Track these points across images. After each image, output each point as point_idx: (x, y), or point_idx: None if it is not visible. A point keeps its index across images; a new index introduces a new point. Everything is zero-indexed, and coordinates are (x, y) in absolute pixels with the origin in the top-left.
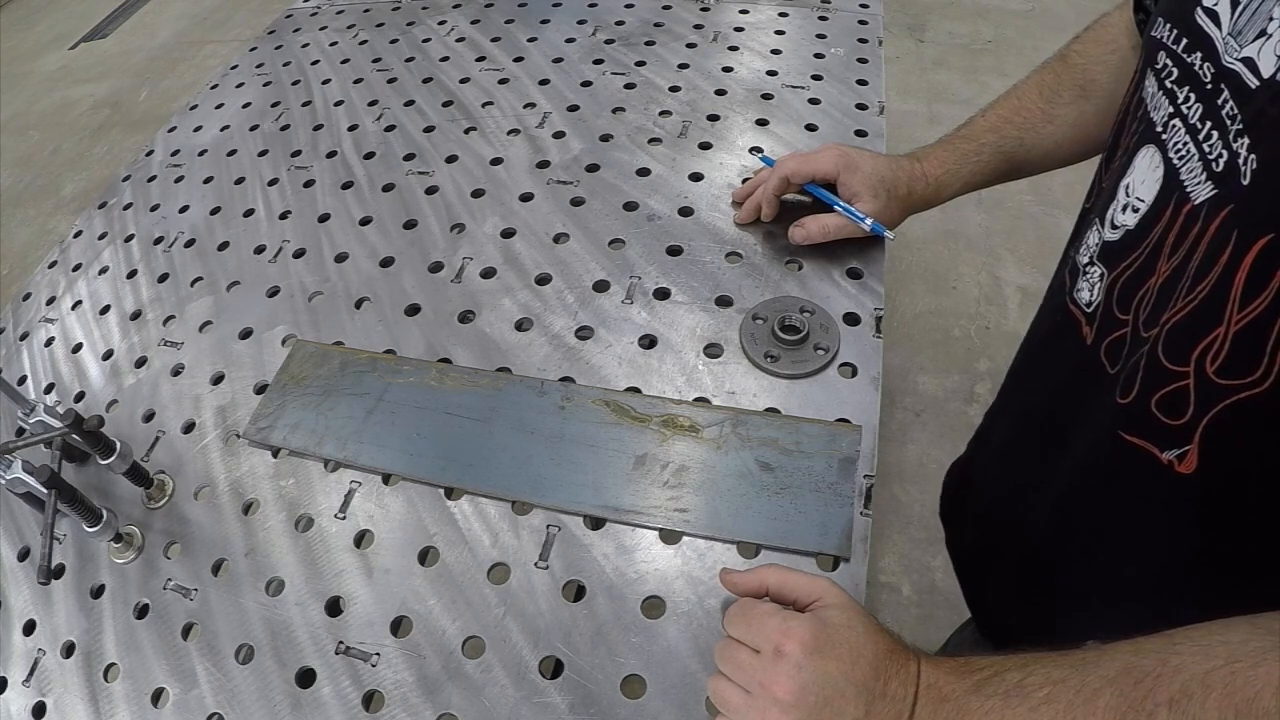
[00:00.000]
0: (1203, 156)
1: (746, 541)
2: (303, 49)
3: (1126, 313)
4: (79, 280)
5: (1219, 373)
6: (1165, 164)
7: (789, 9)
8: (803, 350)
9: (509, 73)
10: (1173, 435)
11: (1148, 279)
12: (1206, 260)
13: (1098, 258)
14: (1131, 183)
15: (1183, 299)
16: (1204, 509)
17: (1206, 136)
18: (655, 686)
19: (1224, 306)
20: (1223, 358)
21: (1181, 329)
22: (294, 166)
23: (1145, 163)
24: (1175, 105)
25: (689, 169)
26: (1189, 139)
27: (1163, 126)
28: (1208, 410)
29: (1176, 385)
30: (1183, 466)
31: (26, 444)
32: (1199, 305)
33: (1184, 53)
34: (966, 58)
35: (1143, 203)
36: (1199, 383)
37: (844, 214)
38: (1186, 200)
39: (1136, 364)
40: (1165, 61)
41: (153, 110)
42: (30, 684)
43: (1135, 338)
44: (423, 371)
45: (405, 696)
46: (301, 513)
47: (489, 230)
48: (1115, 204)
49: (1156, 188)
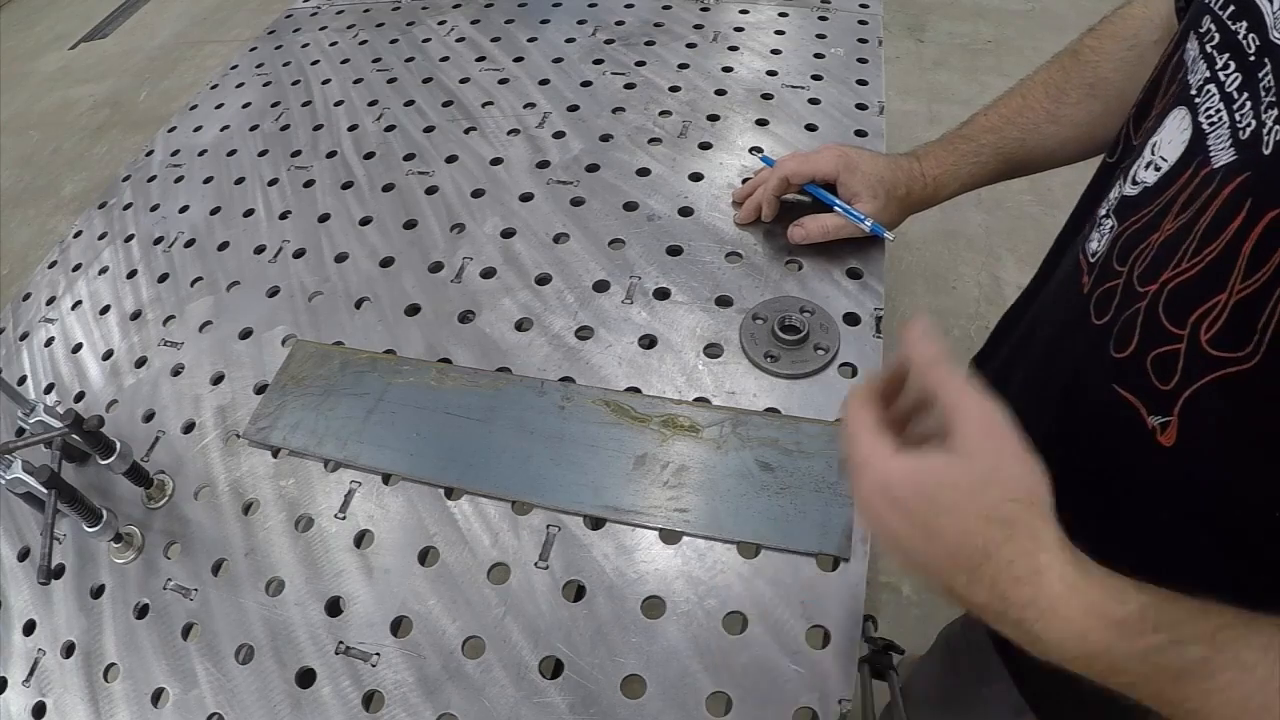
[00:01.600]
0: (1233, 125)
1: (746, 541)
2: (303, 49)
3: (1123, 265)
4: (79, 280)
5: (1212, 342)
6: (1194, 127)
7: (789, 9)
8: (803, 350)
9: (509, 73)
10: (1159, 400)
11: (1150, 234)
12: (1215, 224)
13: (1114, 210)
14: (1159, 141)
15: (1188, 259)
16: (1181, 486)
17: (1240, 106)
18: (655, 686)
19: (1229, 274)
20: (1219, 326)
21: (1184, 290)
22: (294, 166)
23: (1175, 123)
24: (1213, 70)
25: (689, 169)
26: (1223, 106)
27: (1197, 90)
28: (1192, 381)
29: (1170, 347)
30: (1164, 437)
31: (26, 444)
32: (1204, 268)
33: (1229, 19)
34: (966, 58)
35: (1165, 162)
36: (1190, 348)
37: (843, 214)
38: (1207, 163)
39: (1133, 318)
40: (1209, 26)
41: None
42: (30, 684)
43: (1128, 291)
44: (423, 371)
45: (405, 696)
46: (301, 513)
47: (489, 230)
48: (1140, 160)
49: (1181, 149)
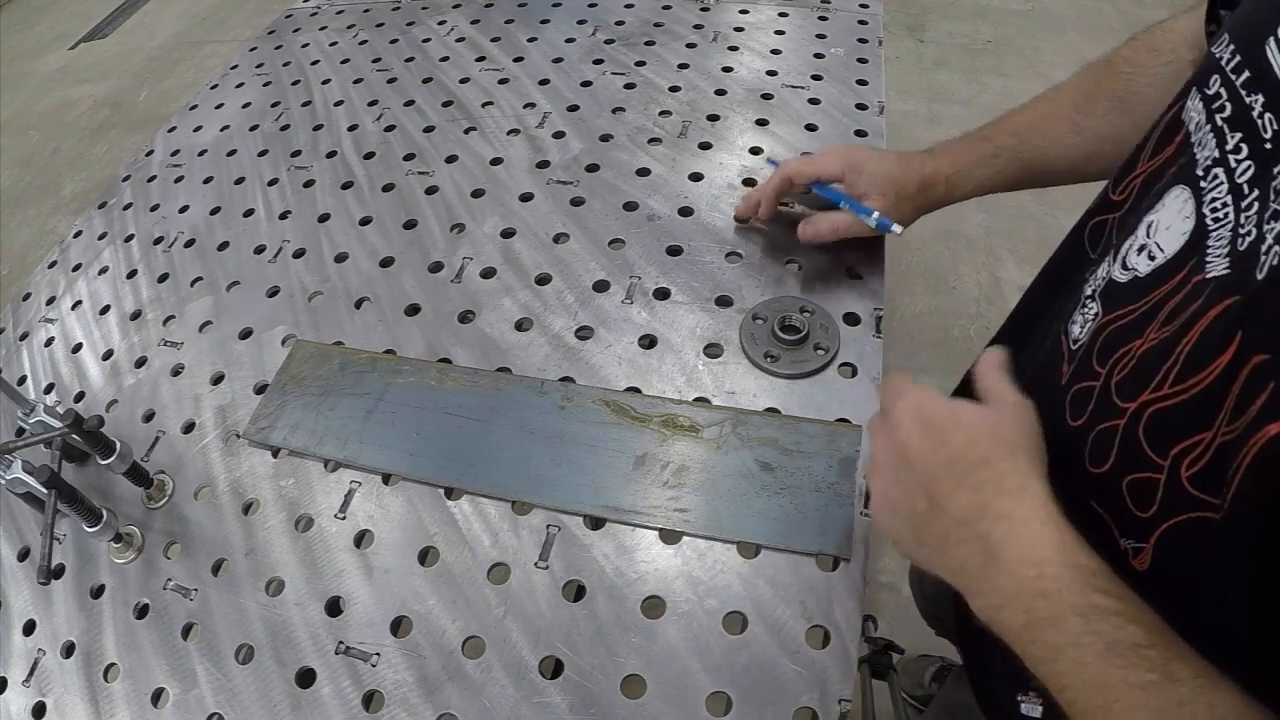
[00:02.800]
0: (1235, 228)
1: (746, 541)
2: (303, 49)
3: (1102, 366)
4: (79, 280)
5: (1192, 480)
6: (1197, 218)
7: (789, 9)
8: (803, 350)
9: (509, 73)
10: (1135, 526)
11: (1134, 339)
12: (1201, 350)
13: (1100, 294)
14: (1156, 222)
15: (1171, 384)
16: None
17: (1248, 206)
18: (655, 686)
19: (1216, 412)
20: (1201, 465)
21: (1168, 417)
22: (294, 166)
23: (1176, 206)
24: (1223, 150)
25: (689, 169)
26: (1230, 201)
27: (1204, 172)
28: (1170, 515)
29: (1150, 475)
30: (1136, 562)
31: (26, 444)
32: (1191, 399)
33: (1243, 88)
34: (966, 58)
35: (1161, 253)
36: (1170, 481)
37: (850, 209)
38: (1200, 270)
39: (1110, 434)
40: (1219, 90)
41: (153, 110)
42: (30, 684)
43: (1104, 400)
44: (423, 371)
45: (405, 696)
46: (301, 513)
47: (489, 230)
48: (1133, 240)
49: (1180, 242)
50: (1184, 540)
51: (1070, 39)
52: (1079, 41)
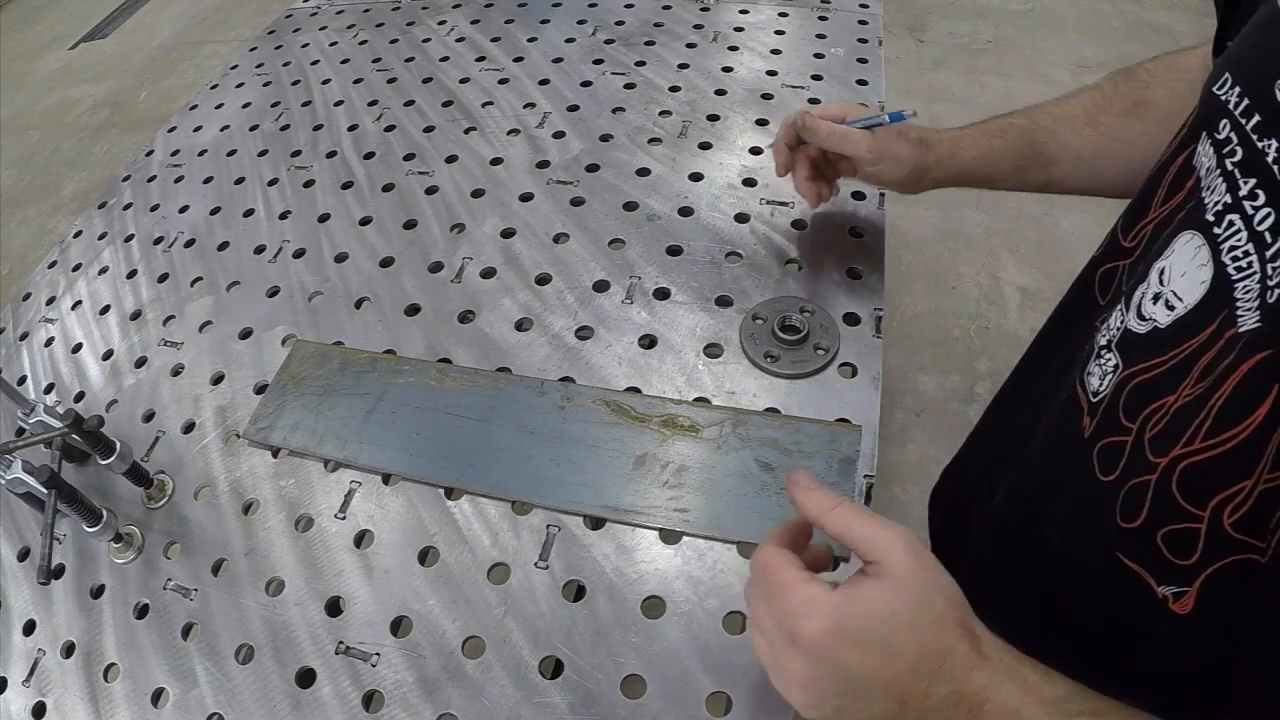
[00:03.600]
0: (1263, 279)
1: (746, 541)
2: (303, 49)
3: (1132, 421)
4: (79, 280)
5: (1236, 526)
6: (1216, 265)
7: (789, 9)
8: (803, 350)
9: (509, 73)
10: (1174, 573)
11: (1166, 395)
12: (1236, 403)
13: (1116, 344)
14: (1168, 269)
15: (1202, 439)
16: (1197, 649)
17: (1274, 257)
18: (655, 686)
19: (1256, 461)
20: (1244, 512)
21: (1204, 470)
22: (294, 166)
23: (1188, 253)
24: (1236, 197)
25: (689, 169)
26: (1252, 249)
27: (1215, 217)
28: (1214, 560)
29: (1188, 525)
30: (1177, 606)
31: (26, 444)
32: (1227, 454)
33: (1254, 132)
34: (966, 58)
35: (1180, 302)
36: (1212, 529)
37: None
38: (1232, 324)
39: (1142, 489)
40: (1229, 135)
41: (153, 110)
42: (30, 684)
43: (1137, 455)
44: (423, 371)
45: (405, 696)
46: (301, 513)
47: (489, 230)
48: (1146, 288)
49: (1202, 291)
50: (1230, 582)
51: (1070, 39)
52: (1079, 41)
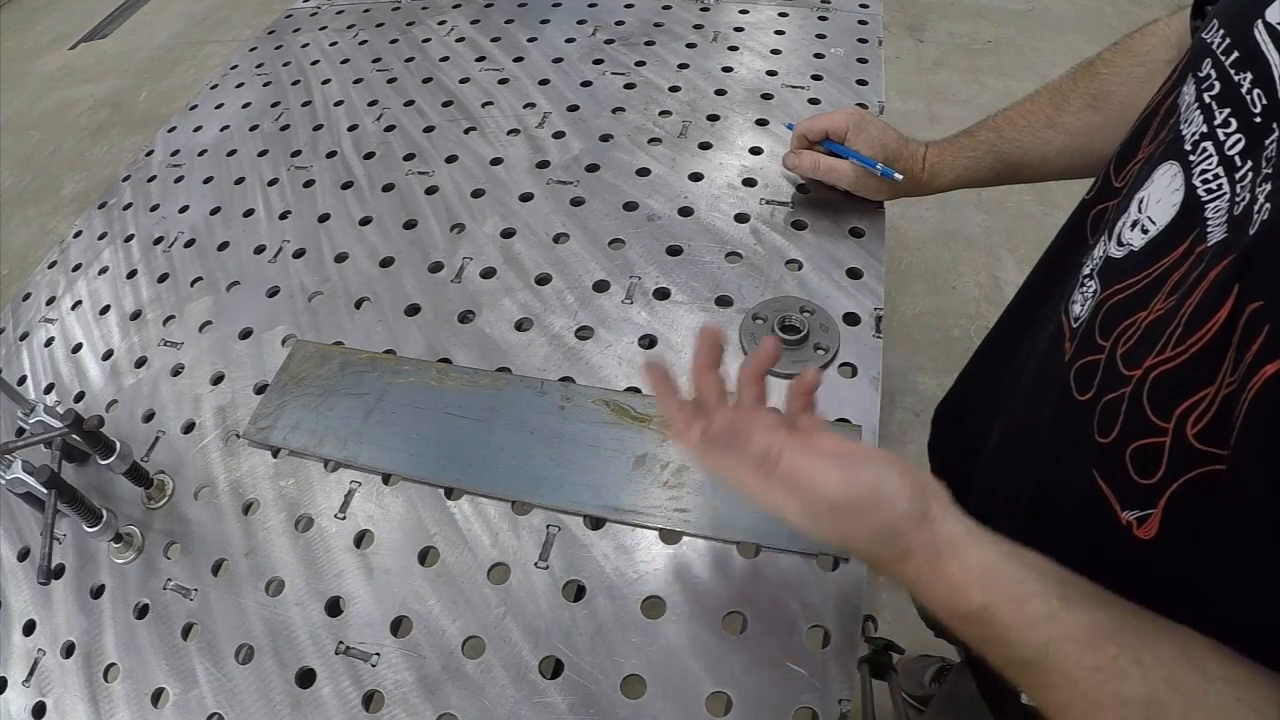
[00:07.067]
0: (1231, 198)
1: (746, 541)
2: (302, 49)
3: (1106, 339)
4: (79, 280)
5: (1199, 436)
6: (1187, 189)
7: (789, 9)
8: (803, 350)
9: (509, 73)
10: (1139, 495)
11: (1138, 311)
12: (1202, 309)
13: (1098, 271)
14: (1146, 198)
15: (1173, 347)
16: (1160, 578)
17: (1242, 177)
18: (655, 686)
19: (1218, 365)
20: (1206, 420)
21: (1169, 381)
22: (294, 166)
23: (1165, 181)
24: (1210, 126)
25: (689, 169)
26: (1223, 173)
27: (1192, 146)
28: (1178, 476)
29: (1153, 440)
30: (1141, 531)
31: (26, 444)
32: (1191, 359)
33: (1232, 68)
34: (966, 58)
35: (1154, 225)
36: (1175, 443)
37: (855, 162)
38: (1203, 240)
39: (1116, 404)
40: (1209, 71)
41: (153, 110)
42: (30, 684)
43: (1110, 370)
44: (423, 371)
45: (405, 696)
46: (301, 513)
47: (489, 230)
48: (1125, 217)
49: (1172, 213)
50: (1193, 500)
51: (1070, 39)
52: (1079, 41)
